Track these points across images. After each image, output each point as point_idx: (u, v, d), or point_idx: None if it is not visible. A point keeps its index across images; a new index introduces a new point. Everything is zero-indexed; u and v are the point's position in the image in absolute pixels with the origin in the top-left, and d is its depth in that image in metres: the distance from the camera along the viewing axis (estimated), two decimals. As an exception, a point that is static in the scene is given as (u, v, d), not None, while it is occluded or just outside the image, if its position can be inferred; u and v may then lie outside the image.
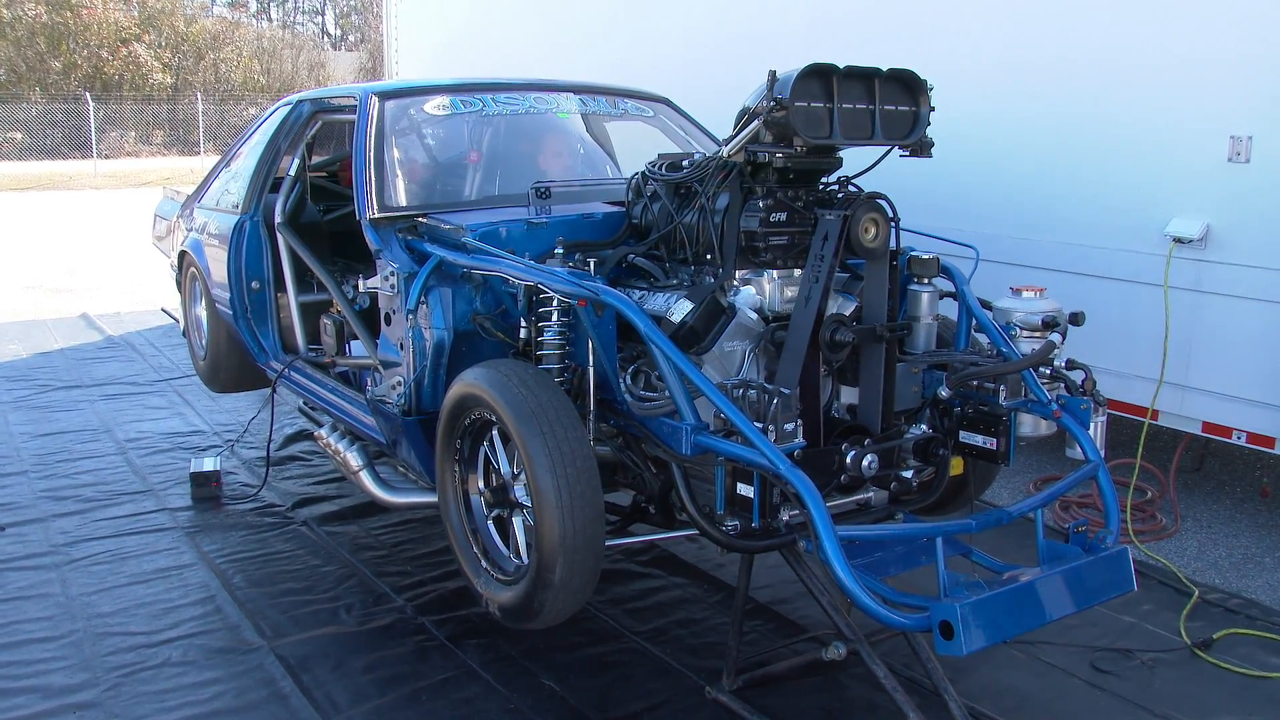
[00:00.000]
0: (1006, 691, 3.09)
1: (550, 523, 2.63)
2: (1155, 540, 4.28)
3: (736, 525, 2.65)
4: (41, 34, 28.56)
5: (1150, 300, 4.30)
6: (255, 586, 3.77)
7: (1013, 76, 4.78)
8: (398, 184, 3.69)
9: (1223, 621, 3.54)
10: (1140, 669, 3.24)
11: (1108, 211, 4.50)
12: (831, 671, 3.13)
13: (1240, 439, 4.20)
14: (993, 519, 2.74)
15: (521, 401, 2.72)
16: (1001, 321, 3.13)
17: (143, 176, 22.54)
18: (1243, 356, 4.13)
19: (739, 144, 2.88)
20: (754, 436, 2.46)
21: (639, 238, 3.32)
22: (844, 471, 2.77)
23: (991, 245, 4.33)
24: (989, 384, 2.96)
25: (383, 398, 3.47)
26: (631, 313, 2.69)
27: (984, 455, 3.03)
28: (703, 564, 3.94)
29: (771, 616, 3.54)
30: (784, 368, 2.84)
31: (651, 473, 2.99)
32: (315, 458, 5.11)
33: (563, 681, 3.14)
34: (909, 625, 2.43)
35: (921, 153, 3.04)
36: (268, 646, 3.34)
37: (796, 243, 3.01)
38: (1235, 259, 4.12)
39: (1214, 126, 4.11)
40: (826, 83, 2.85)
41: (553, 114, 4.23)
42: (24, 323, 8.40)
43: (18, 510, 4.45)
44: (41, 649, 3.32)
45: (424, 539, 4.18)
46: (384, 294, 3.40)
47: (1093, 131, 4.51)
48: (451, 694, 3.09)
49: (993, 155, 4.85)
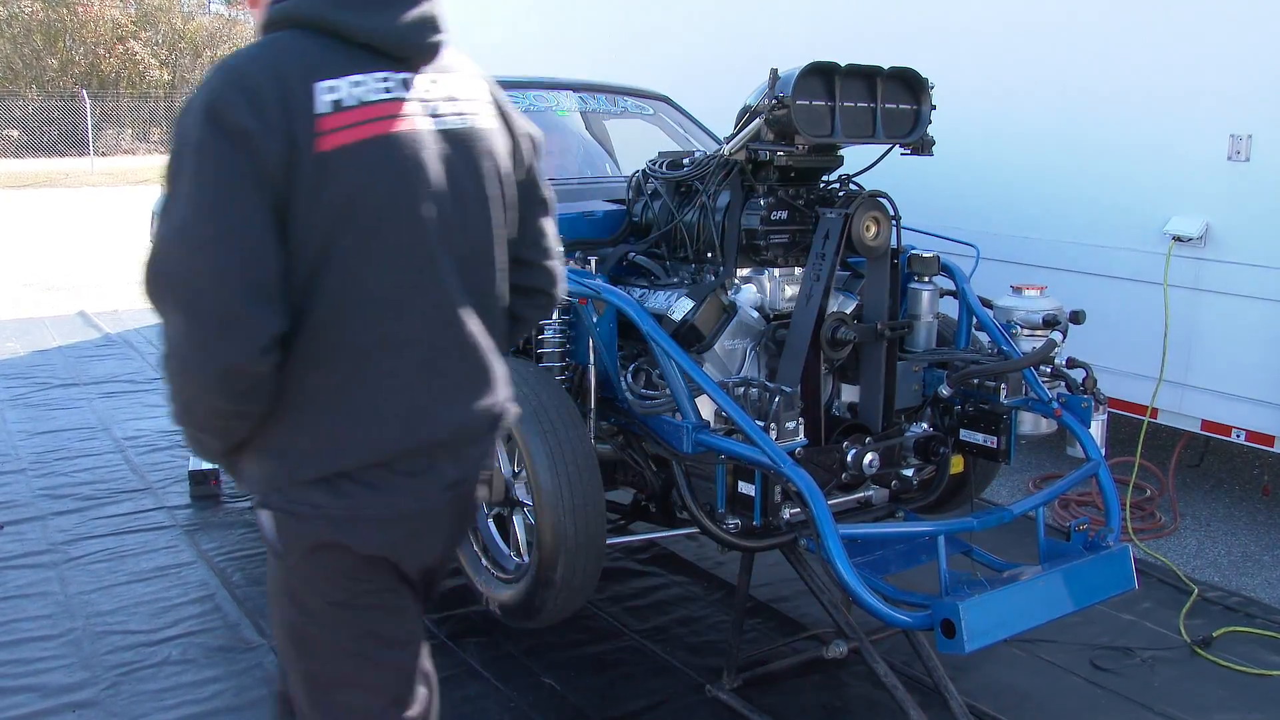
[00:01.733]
0: (1007, 689, 3.09)
1: (551, 521, 2.63)
2: (1155, 538, 4.28)
3: (737, 523, 2.65)
4: (38, 31, 28.50)
5: (1150, 299, 4.31)
6: (254, 585, 3.76)
7: (1013, 75, 4.78)
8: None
9: (1222, 619, 3.54)
10: (1140, 667, 3.25)
11: (1108, 210, 4.50)
12: (832, 669, 3.13)
13: (1240, 437, 4.20)
14: (994, 517, 2.74)
15: (522, 400, 2.71)
16: (1002, 320, 3.14)
17: (140, 174, 22.49)
18: (1242, 355, 4.13)
19: (740, 142, 2.88)
20: (755, 435, 2.46)
21: (639, 236, 3.32)
22: (845, 470, 2.77)
23: (992, 244, 4.34)
24: (990, 382, 2.96)
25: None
26: (632, 311, 2.69)
27: (985, 453, 3.03)
28: (703, 562, 3.94)
29: (772, 614, 3.54)
30: (785, 366, 2.84)
31: (652, 471, 2.99)
32: (314, 456, 5.10)
33: (563, 680, 3.13)
34: (911, 623, 2.43)
35: (922, 151, 3.04)
36: (267, 645, 3.33)
37: (797, 241, 3.01)
38: (1235, 257, 4.12)
39: (1214, 125, 4.12)
40: (828, 81, 2.85)
41: (552, 112, 4.23)
42: (21, 320, 8.38)
43: (16, 509, 4.44)
44: (40, 648, 3.31)
45: (423, 537, 4.17)
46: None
47: (1093, 130, 4.51)
48: (452, 692, 3.08)
49: (993, 153, 4.86)
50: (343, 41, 1.52)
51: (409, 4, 1.57)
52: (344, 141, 1.48)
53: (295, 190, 1.46)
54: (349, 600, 1.63)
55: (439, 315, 1.60)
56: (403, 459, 1.58)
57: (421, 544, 1.67)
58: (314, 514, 1.56)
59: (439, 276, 1.59)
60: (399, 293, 1.55)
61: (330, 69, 1.50)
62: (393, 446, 1.57)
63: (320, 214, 1.48)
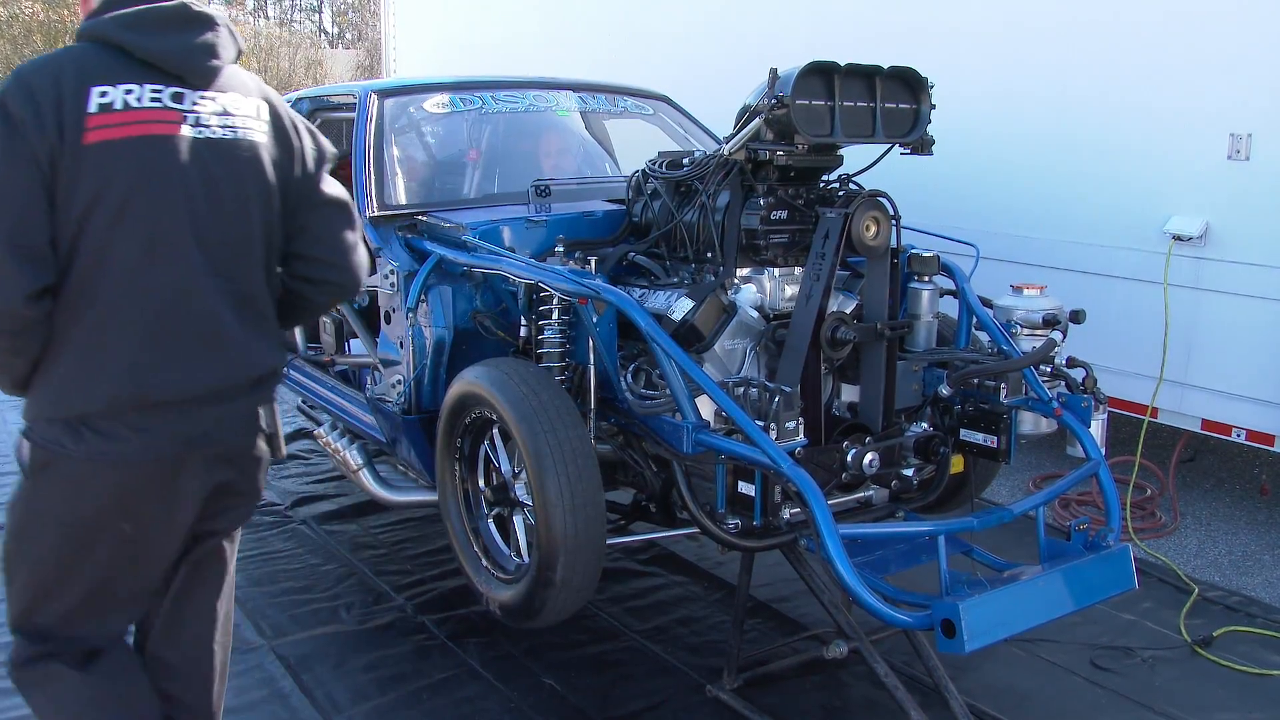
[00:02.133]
0: (1007, 689, 3.09)
1: (551, 521, 2.63)
2: (1155, 538, 4.28)
3: (737, 523, 2.65)
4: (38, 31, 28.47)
5: (1150, 298, 4.30)
6: (255, 585, 3.77)
7: (1013, 74, 4.78)
8: (397, 182, 3.68)
9: (1222, 619, 3.54)
10: (1140, 667, 3.25)
11: (1108, 209, 4.50)
12: (832, 669, 3.13)
13: (1240, 436, 4.20)
14: (994, 517, 2.73)
15: (522, 400, 2.71)
16: (1002, 319, 3.13)
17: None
18: (1242, 354, 4.13)
19: (740, 142, 2.88)
20: (755, 435, 2.46)
21: (639, 236, 3.32)
22: (845, 470, 2.76)
23: (992, 243, 4.34)
24: (990, 382, 2.95)
25: (382, 396, 3.46)
26: (632, 311, 2.69)
27: (985, 453, 3.03)
28: (703, 562, 3.94)
29: (772, 615, 3.54)
30: (785, 366, 2.84)
31: (652, 471, 2.99)
32: (314, 456, 5.11)
33: (563, 680, 3.14)
34: (911, 623, 2.43)
35: (922, 151, 3.04)
36: (267, 645, 3.33)
37: (797, 241, 3.01)
38: (1235, 257, 4.12)
39: (1214, 124, 4.12)
40: (828, 80, 2.84)
41: (552, 112, 4.23)
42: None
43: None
44: (41, 648, 3.32)
45: (424, 538, 4.18)
46: (384, 292, 3.40)
47: (1093, 129, 4.51)
48: (452, 693, 3.08)
49: (993, 153, 4.86)
50: (128, 57, 1.89)
51: (191, 32, 1.94)
52: (106, 138, 1.83)
53: (59, 174, 1.80)
54: (81, 521, 1.95)
55: (175, 290, 1.91)
56: (130, 412, 1.89)
57: (164, 489, 1.98)
58: (59, 451, 1.89)
59: (179, 257, 1.91)
60: (137, 267, 1.87)
61: (108, 77, 1.85)
62: (118, 399, 1.88)
63: (78, 195, 1.81)
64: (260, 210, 2.02)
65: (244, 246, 2.01)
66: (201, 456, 2.00)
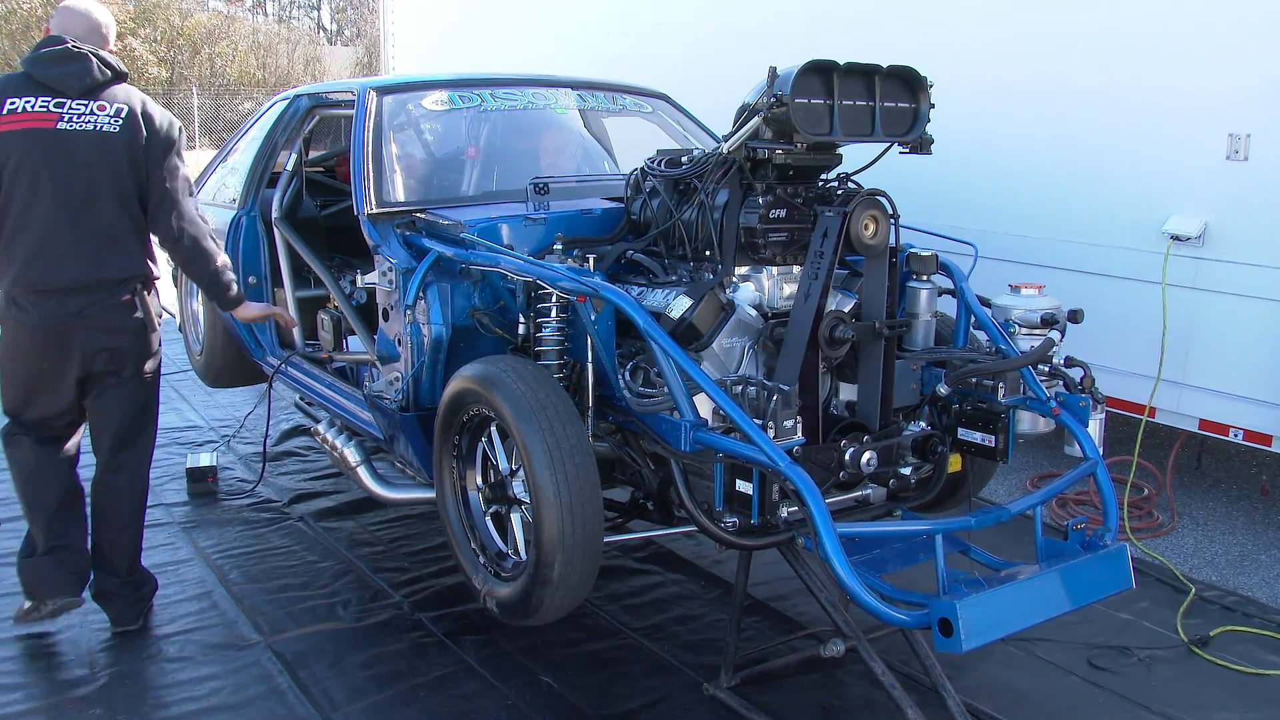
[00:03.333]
0: (1004, 689, 3.10)
1: (549, 519, 2.63)
2: (1152, 538, 4.28)
3: (735, 522, 2.65)
4: (37, 27, 28.43)
5: (1148, 298, 4.31)
6: (252, 582, 3.77)
7: (1012, 73, 4.78)
8: (396, 179, 3.68)
9: (1219, 619, 3.55)
10: (1137, 666, 3.25)
11: (1106, 209, 4.50)
12: (829, 668, 3.13)
13: (1237, 436, 4.20)
14: (992, 516, 2.73)
15: (520, 397, 2.71)
16: (1000, 319, 3.14)
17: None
18: (1240, 354, 4.13)
19: (739, 140, 2.87)
20: (753, 433, 2.46)
21: (638, 234, 3.31)
22: (843, 468, 2.76)
23: (990, 242, 4.34)
24: (988, 381, 2.95)
25: (380, 393, 3.46)
26: (630, 309, 2.69)
27: (982, 452, 3.03)
28: (700, 560, 3.94)
29: (769, 613, 3.54)
30: (783, 364, 2.84)
31: (650, 469, 2.99)
32: (312, 453, 5.11)
33: (561, 678, 3.13)
34: (908, 622, 2.43)
35: (921, 150, 3.03)
36: (264, 643, 3.33)
37: (796, 239, 3.01)
38: (1233, 257, 4.12)
39: (1212, 124, 4.12)
40: (827, 79, 2.84)
41: (551, 109, 4.22)
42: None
43: (14, 506, 4.42)
44: (38, 644, 3.32)
45: (421, 535, 4.17)
46: (382, 289, 3.40)
47: (1091, 128, 4.51)
48: (449, 690, 3.08)
49: (992, 152, 4.86)
50: (34, 81, 3.09)
51: (70, 65, 3.09)
52: (8, 129, 3.04)
53: None
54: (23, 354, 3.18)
55: (48, 221, 3.06)
56: (30, 294, 3.09)
57: (61, 341, 3.14)
58: (4, 314, 3.16)
59: (53, 200, 3.06)
60: (27, 206, 3.06)
61: (20, 93, 3.07)
62: (18, 285, 3.08)
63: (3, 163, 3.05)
64: (108, 174, 3.10)
65: (95, 195, 3.10)
66: (83, 326, 3.13)
